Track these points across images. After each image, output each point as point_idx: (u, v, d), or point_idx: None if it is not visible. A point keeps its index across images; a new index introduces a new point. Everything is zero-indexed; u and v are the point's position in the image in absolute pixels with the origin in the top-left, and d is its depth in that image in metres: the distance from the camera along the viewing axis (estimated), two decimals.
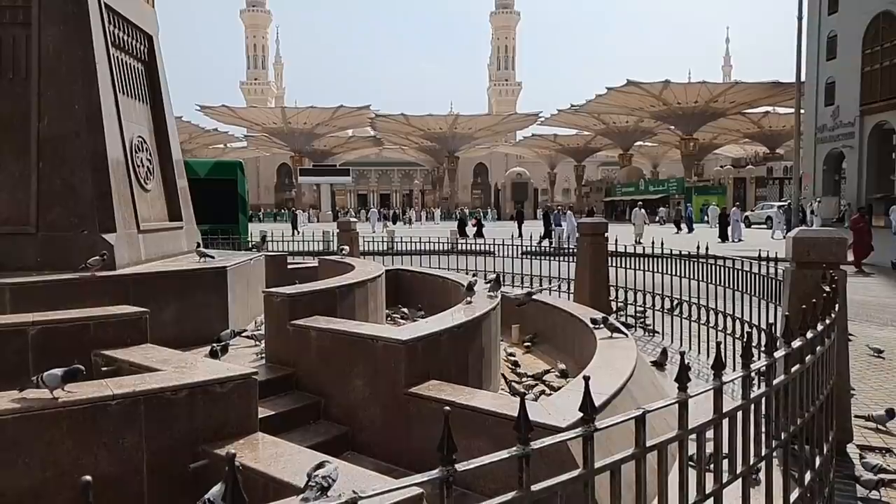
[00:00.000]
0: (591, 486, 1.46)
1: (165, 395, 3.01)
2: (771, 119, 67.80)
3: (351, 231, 12.67)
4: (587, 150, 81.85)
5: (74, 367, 2.91)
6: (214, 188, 16.24)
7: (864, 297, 11.93)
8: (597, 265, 8.78)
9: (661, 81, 57.28)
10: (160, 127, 7.15)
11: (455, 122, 73.94)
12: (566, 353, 6.16)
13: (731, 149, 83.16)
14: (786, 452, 2.25)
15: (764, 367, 2.08)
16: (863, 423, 4.89)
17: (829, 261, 4.05)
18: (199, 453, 3.01)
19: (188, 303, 5.61)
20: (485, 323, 4.87)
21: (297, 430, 3.91)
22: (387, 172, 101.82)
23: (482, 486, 3.03)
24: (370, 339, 4.07)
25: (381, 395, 3.96)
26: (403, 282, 8.66)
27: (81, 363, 2.99)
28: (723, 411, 1.84)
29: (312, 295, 5.02)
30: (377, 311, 6.21)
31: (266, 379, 4.18)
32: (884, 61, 39.35)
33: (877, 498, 3.74)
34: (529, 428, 1.36)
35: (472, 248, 13.23)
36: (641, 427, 1.56)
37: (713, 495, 1.84)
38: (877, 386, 6.09)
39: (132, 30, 6.70)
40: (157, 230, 6.57)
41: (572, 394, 3.41)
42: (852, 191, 41.05)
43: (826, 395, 2.77)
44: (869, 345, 7.39)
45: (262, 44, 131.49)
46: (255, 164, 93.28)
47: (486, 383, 4.74)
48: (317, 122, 72.53)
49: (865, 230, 16.86)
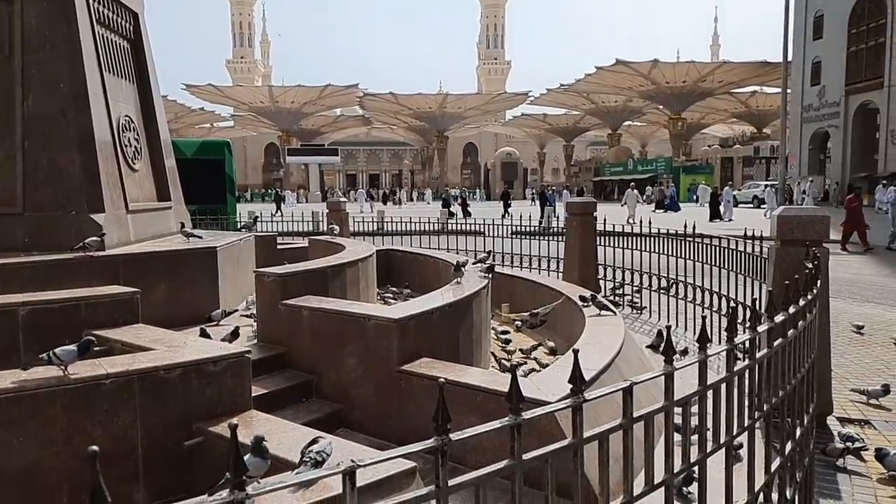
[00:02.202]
0: (580, 454, 1.51)
1: (159, 373, 3.04)
2: (758, 99, 67.93)
3: (341, 211, 12.65)
4: (576, 129, 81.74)
5: (86, 339, 2.95)
6: (202, 168, 16.08)
7: (846, 275, 12.11)
8: (585, 244, 8.84)
9: (650, 61, 57.18)
10: (147, 106, 7.08)
11: (444, 102, 73.46)
12: (555, 331, 6.24)
13: (719, 128, 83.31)
14: (767, 424, 2.32)
15: (747, 341, 2.14)
16: (857, 396, 5.01)
17: (812, 238, 4.12)
18: (193, 431, 3.05)
19: (178, 283, 5.61)
20: (475, 301, 4.92)
21: (290, 407, 3.96)
22: (376, 152, 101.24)
23: (473, 461, 3.07)
24: (362, 318, 4.11)
25: (373, 372, 4.01)
26: (394, 261, 8.69)
27: (73, 343, 3.01)
28: (707, 384, 1.89)
29: (304, 274, 5.04)
30: (368, 290, 6.24)
31: (259, 358, 4.22)
32: (869, 41, 39.54)
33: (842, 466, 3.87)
34: (521, 398, 1.40)
35: (462, 228, 13.25)
36: (629, 398, 1.61)
37: (697, 464, 1.90)
38: (856, 360, 6.23)
39: (117, 7, 6.60)
40: (145, 210, 6.54)
41: (561, 370, 3.48)
42: (837, 170, 41.42)
43: (807, 369, 2.84)
44: (852, 321, 7.53)
45: (248, 21, 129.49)
46: (243, 143, 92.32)
47: (477, 361, 4.81)
48: (304, 101, 71.79)
49: (859, 209, 16.95)
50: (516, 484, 1.38)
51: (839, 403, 4.86)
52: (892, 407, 4.93)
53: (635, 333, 6.80)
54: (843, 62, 41.18)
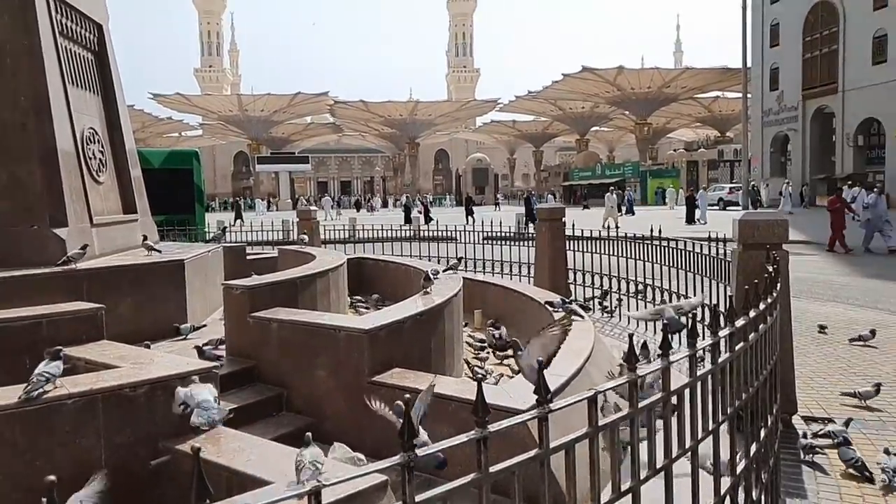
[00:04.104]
0: (546, 464, 1.53)
1: (124, 392, 2.98)
2: (721, 104, 69.45)
3: (311, 220, 12.58)
4: (545, 135, 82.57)
5: (56, 349, 2.92)
6: (169, 178, 15.89)
7: (809, 275, 12.42)
8: (555, 249, 8.93)
9: (616, 67, 58.08)
10: (112, 117, 6.97)
11: (415, 109, 73.62)
12: (527, 336, 6.26)
13: (684, 132, 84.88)
14: (732, 426, 2.37)
15: (709, 345, 2.18)
16: (848, 400, 5.04)
17: (772, 242, 4.23)
18: (160, 450, 3.00)
19: (145, 297, 5.52)
20: (447, 309, 4.93)
21: (260, 422, 3.91)
22: (347, 159, 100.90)
23: (446, 472, 3.09)
24: (332, 329, 4.09)
25: (344, 384, 3.98)
26: (366, 270, 8.66)
27: (34, 363, 2.94)
28: (671, 389, 1.93)
29: (272, 286, 5.00)
30: (339, 300, 6.21)
31: (227, 372, 4.16)
32: (822, 48, 40.86)
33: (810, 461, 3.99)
34: (487, 411, 1.41)
35: (434, 234, 13.28)
36: (594, 407, 1.63)
37: (663, 469, 1.93)
38: (820, 359, 6.39)
39: (81, 19, 6.49)
40: (111, 223, 6.42)
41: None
42: (797, 172, 42.55)
43: (770, 370, 2.91)
44: (816, 321, 7.72)
45: (216, 30, 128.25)
46: (212, 152, 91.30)
47: (450, 369, 4.81)
48: (274, 110, 71.30)
49: (842, 211, 17.19)
50: (483, 497, 1.40)
51: (828, 406, 4.97)
52: (881, 407, 5.00)
53: (606, 337, 6.88)
54: (799, 68, 42.49)
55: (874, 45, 36.83)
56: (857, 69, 37.78)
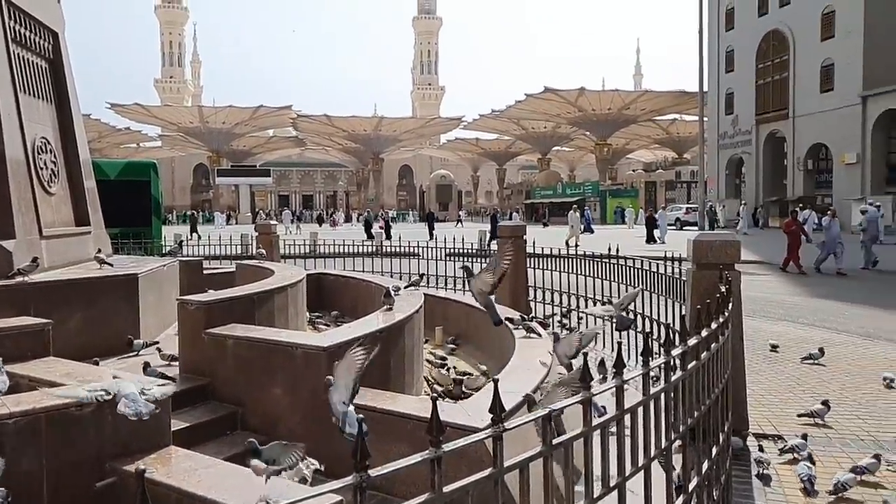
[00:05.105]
0: (500, 484, 1.53)
1: (69, 411, 2.87)
2: (678, 126, 71.46)
3: (271, 234, 12.41)
4: (508, 153, 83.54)
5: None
6: (126, 190, 15.54)
7: (762, 294, 12.78)
8: (516, 267, 8.98)
9: (577, 89, 59.30)
10: (66, 127, 6.79)
11: (379, 124, 73.69)
12: (488, 354, 6.28)
13: (643, 154, 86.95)
14: (684, 444, 2.41)
15: (663, 363, 2.22)
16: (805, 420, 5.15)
17: (724, 262, 4.34)
18: (106, 471, 2.89)
19: (96, 312, 5.35)
20: (408, 326, 4.91)
21: (213, 441, 3.82)
22: (309, 173, 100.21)
23: (404, 491, 3.06)
24: (289, 347, 4.03)
25: (301, 403, 3.92)
26: (326, 286, 8.57)
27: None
28: (625, 407, 1.96)
29: (229, 302, 4.90)
30: (298, 316, 6.13)
31: (181, 390, 4.06)
32: (774, 75, 42.56)
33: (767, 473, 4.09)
34: (441, 430, 1.41)
35: (396, 250, 13.24)
36: (548, 425, 1.64)
37: (617, 487, 1.95)
38: (772, 377, 6.56)
39: (36, 26, 6.33)
40: (61, 235, 6.22)
41: (491, 394, 3.50)
42: (751, 194, 43.97)
43: (722, 388, 2.98)
44: (768, 340, 7.93)
45: (178, 41, 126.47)
46: (171, 164, 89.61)
47: (409, 387, 4.78)
48: (236, 122, 70.52)
49: (797, 232, 17.68)
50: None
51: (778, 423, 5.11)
52: (829, 424, 5.14)
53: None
54: (752, 94, 44.11)
55: (822, 74, 38.46)
56: (806, 96, 39.37)
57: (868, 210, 19.50)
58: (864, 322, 9.86)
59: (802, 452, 4.19)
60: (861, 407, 5.57)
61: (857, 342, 8.29)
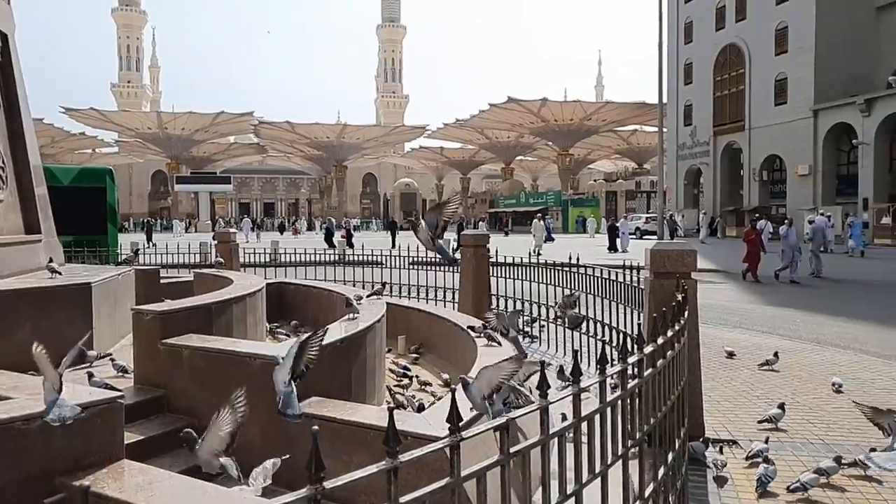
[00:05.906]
0: (458, 493, 1.53)
1: (16, 425, 2.77)
2: (639, 137, 72.96)
3: (230, 242, 12.21)
4: (472, 163, 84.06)
5: None
6: (80, 197, 15.11)
7: (718, 302, 13.09)
8: (479, 275, 9.03)
9: (540, 99, 60.12)
10: (16, 131, 6.58)
11: (343, 132, 73.38)
12: (450, 362, 6.28)
13: (604, 164, 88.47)
14: (640, 450, 2.45)
15: (619, 371, 2.26)
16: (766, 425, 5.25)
17: (681, 271, 4.44)
18: (55, 486, 2.80)
19: (46, 323, 5.18)
20: (369, 335, 4.88)
21: (168, 454, 3.73)
22: (271, 181, 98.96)
23: (364, 501, 3.03)
24: (247, 357, 3.96)
25: (259, 415, 3.85)
26: (287, 295, 8.47)
27: None
28: (581, 415, 1.98)
29: (186, 312, 4.80)
30: (257, 326, 6.04)
31: (134, 402, 3.96)
32: (731, 88, 43.88)
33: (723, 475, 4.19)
34: (398, 441, 1.41)
35: (359, 259, 13.17)
36: (505, 434, 1.66)
37: (574, 495, 1.97)
38: (727, 383, 6.71)
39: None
40: (10, 244, 6.02)
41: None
42: (709, 204, 45.09)
43: (678, 395, 3.04)
44: (724, 347, 8.12)
45: (136, 45, 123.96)
46: (128, 170, 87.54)
47: (370, 397, 4.75)
48: (196, 128, 69.37)
49: (757, 241, 18.06)
50: None
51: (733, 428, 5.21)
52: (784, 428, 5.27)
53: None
54: (710, 106, 45.38)
55: (776, 87, 39.82)
56: (761, 109, 40.68)
57: (815, 220, 20.19)
58: (814, 328, 10.19)
59: (765, 455, 4.30)
60: (811, 411, 5.74)
61: (809, 348, 8.55)
